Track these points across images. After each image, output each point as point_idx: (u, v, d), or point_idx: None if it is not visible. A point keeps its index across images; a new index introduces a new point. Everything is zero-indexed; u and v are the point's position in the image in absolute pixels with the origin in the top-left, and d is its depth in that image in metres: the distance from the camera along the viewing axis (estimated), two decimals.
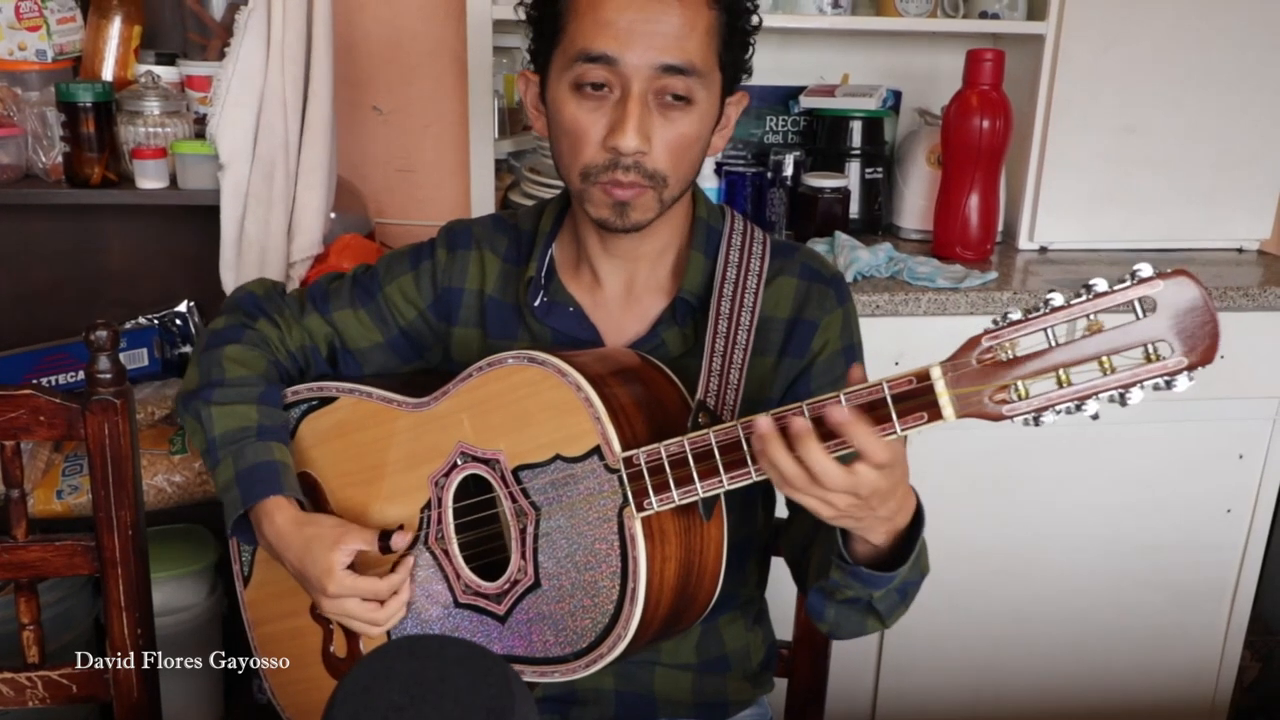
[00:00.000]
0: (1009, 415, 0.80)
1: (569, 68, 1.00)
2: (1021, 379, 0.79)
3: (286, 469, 1.11)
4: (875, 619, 1.03)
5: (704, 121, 1.03)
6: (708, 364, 1.03)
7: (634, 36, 0.97)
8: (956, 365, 0.80)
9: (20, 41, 1.71)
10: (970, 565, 1.95)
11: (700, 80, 1.00)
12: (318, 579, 1.04)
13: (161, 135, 1.70)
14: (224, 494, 1.11)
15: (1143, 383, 0.76)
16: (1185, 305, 0.75)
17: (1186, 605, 2.04)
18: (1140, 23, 1.95)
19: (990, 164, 1.94)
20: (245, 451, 1.10)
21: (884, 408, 0.83)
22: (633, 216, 1.03)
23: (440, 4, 2.02)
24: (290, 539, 1.07)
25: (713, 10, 1.01)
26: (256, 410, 1.12)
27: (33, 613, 1.25)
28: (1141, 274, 0.75)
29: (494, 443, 1.03)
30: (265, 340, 1.19)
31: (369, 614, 1.05)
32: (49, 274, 1.97)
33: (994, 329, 0.79)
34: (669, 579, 0.97)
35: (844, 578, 0.97)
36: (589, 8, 0.98)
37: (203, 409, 1.12)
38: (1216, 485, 1.97)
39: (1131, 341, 0.76)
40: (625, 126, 0.98)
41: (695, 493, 0.92)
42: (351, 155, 2.05)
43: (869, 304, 1.75)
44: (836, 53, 2.18)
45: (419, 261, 1.20)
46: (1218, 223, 2.10)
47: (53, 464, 1.71)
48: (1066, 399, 0.78)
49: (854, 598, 0.99)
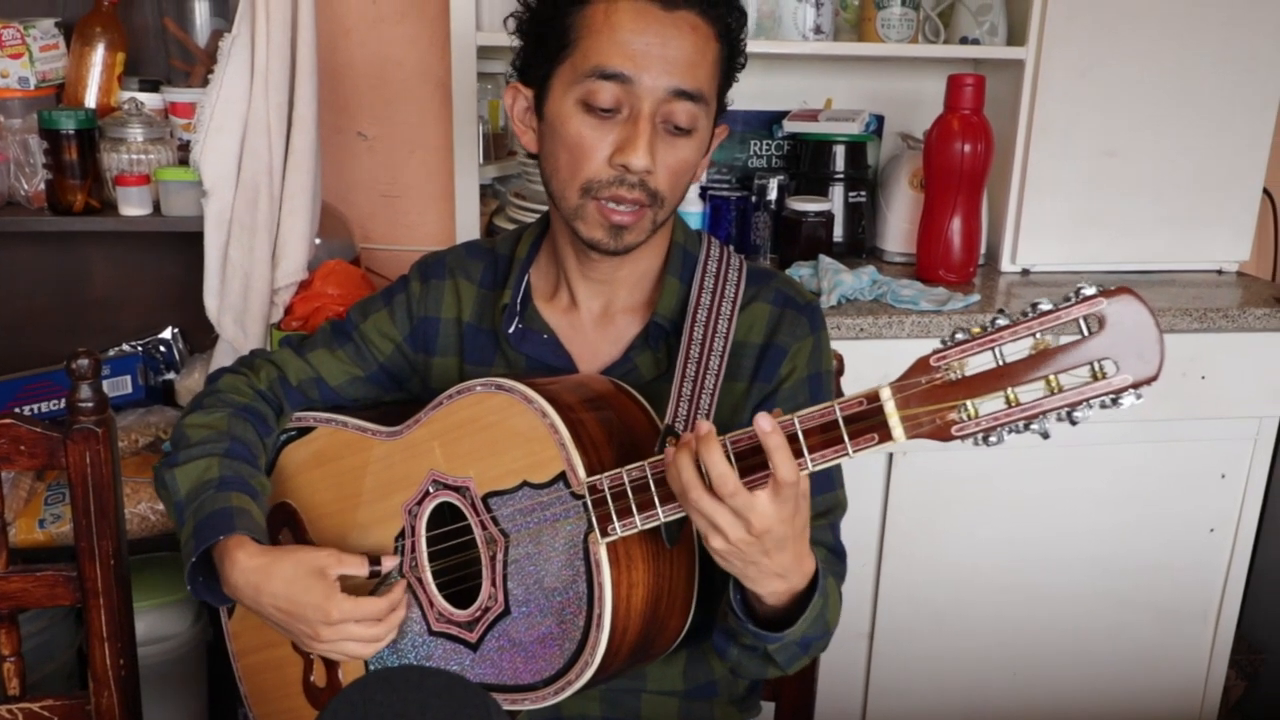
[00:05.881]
0: (958, 435, 0.80)
1: (579, 83, 1.01)
2: (970, 399, 0.79)
3: (245, 513, 1.04)
4: (774, 667, 1.03)
5: (700, 148, 1.06)
6: (677, 389, 1.03)
7: (650, 59, 0.98)
8: (905, 386, 0.80)
9: (2, 69, 1.71)
10: (955, 586, 1.95)
11: (703, 108, 1.03)
12: (317, 606, 0.98)
13: (145, 162, 1.70)
14: (184, 554, 1.05)
15: (1089, 401, 0.76)
16: (1130, 323, 0.75)
17: (1171, 625, 2.05)
18: (1119, 47, 1.97)
19: (972, 187, 1.95)
20: (204, 506, 1.05)
21: (835, 429, 0.83)
22: (627, 239, 1.04)
23: (425, 30, 2.03)
24: (267, 571, 1.00)
25: (718, 43, 1.03)
26: (219, 464, 1.09)
27: (13, 644, 1.24)
28: (1085, 292, 0.75)
29: (464, 470, 1.03)
30: (231, 390, 1.18)
31: (369, 632, 1.01)
32: (32, 301, 1.96)
33: (942, 349, 0.79)
34: (636, 605, 0.96)
35: (738, 625, 0.98)
36: (606, 26, 0.99)
37: (168, 474, 1.10)
38: (1199, 505, 1.98)
39: (1077, 360, 0.76)
40: (637, 145, 0.99)
41: (657, 517, 0.92)
42: (336, 181, 2.06)
43: (853, 327, 1.76)
44: (819, 77, 2.20)
45: (392, 297, 1.20)
46: (1198, 244, 2.11)
47: (35, 492, 1.70)
48: (1015, 418, 0.78)
49: (751, 645, 1.00)
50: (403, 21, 2.03)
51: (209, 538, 1.02)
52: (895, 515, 1.89)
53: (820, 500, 1.09)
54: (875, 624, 1.95)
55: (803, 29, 1.99)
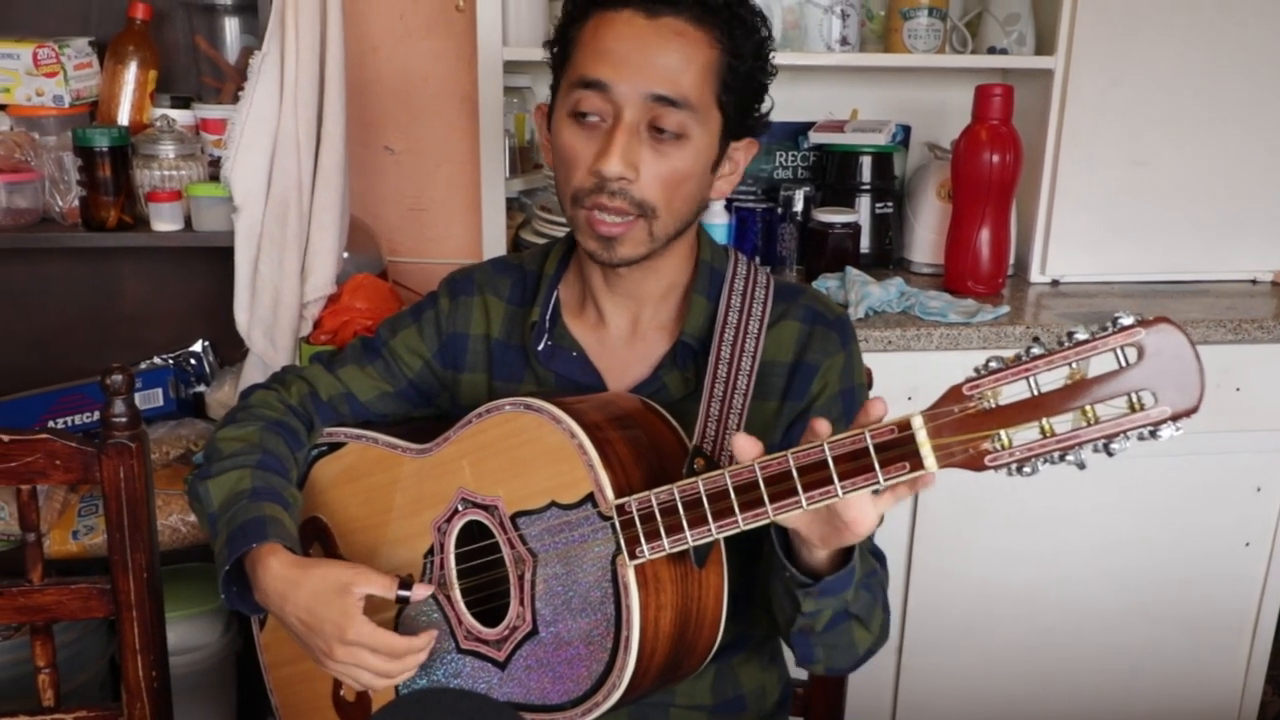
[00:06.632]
0: (991, 465, 0.79)
1: (568, 94, 1.03)
2: (1004, 429, 0.78)
3: (277, 522, 1.04)
4: (860, 627, 1.02)
5: (699, 159, 1.04)
6: (705, 409, 1.03)
7: (629, 66, 0.99)
8: (937, 415, 0.79)
9: (38, 87, 1.73)
10: (985, 600, 1.94)
11: (693, 115, 1.01)
12: (335, 623, 0.97)
13: (176, 178, 1.72)
14: (218, 564, 1.05)
15: (1126, 432, 0.75)
16: (1168, 354, 0.74)
17: (1206, 640, 2.02)
18: (1148, 56, 1.95)
19: (1001, 198, 1.94)
20: (237, 517, 1.05)
21: (866, 457, 0.82)
22: (620, 251, 1.04)
23: (451, 45, 2.05)
24: (295, 580, 0.99)
25: (714, 49, 1.02)
26: (251, 475, 1.09)
27: (48, 656, 1.26)
28: (1123, 322, 0.74)
29: (493, 489, 1.03)
30: (263, 405, 1.19)
31: (383, 665, 0.98)
32: (64, 315, 1.99)
33: (975, 378, 0.78)
34: (664, 627, 0.96)
35: (815, 601, 0.96)
36: (591, 37, 1.01)
37: (201, 486, 1.11)
38: (1234, 518, 1.95)
39: (1114, 391, 0.75)
40: (610, 151, 0.99)
41: (685, 541, 0.91)
42: (363, 194, 2.07)
43: (881, 339, 1.75)
44: (845, 88, 2.19)
45: (421, 313, 1.21)
46: (1230, 254, 2.09)
47: (68, 504, 1.72)
48: (1050, 449, 0.77)
49: (833, 616, 0.99)
50: (429, 37, 2.04)
51: (242, 546, 1.02)
52: (924, 528, 1.88)
53: None
54: (904, 638, 1.93)
55: (828, 40, 1.99)
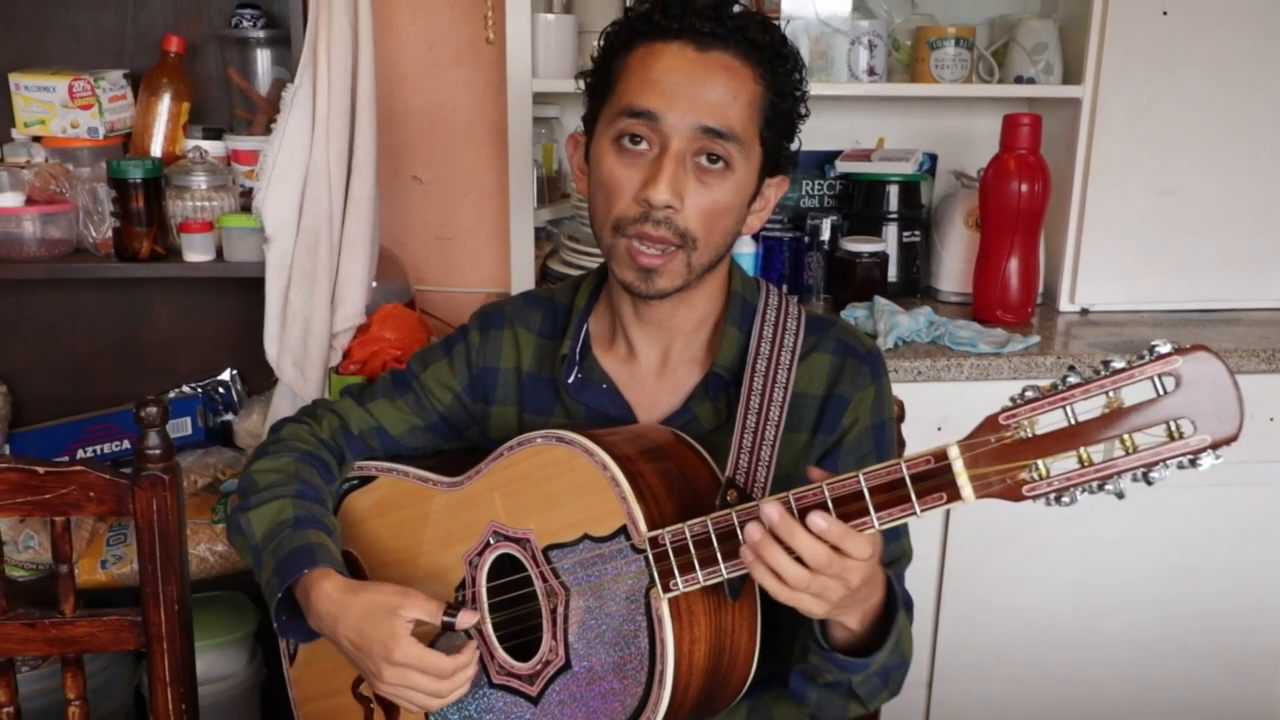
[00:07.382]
0: (1029, 495, 0.78)
1: (613, 123, 1.03)
2: (1041, 458, 0.77)
3: (324, 548, 1.06)
4: (857, 703, 1.02)
5: (739, 192, 1.05)
6: (738, 441, 1.03)
7: (678, 97, 1.00)
8: (974, 445, 0.79)
9: (73, 119, 1.75)
10: (1019, 631, 1.91)
11: (739, 147, 1.02)
12: (382, 644, 0.97)
13: (208, 209, 1.73)
14: (267, 594, 1.07)
15: (1165, 461, 0.74)
16: (1207, 381, 0.73)
17: (1241, 673, 1.99)
18: (1176, 84, 1.95)
19: (1029, 227, 1.93)
20: (282, 546, 1.07)
21: (902, 487, 0.82)
22: (658, 283, 1.04)
23: (479, 76, 2.06)
24: (346, 603, 1.01)
25: (759, 85, 1.03)
26: (292, 505, 1.10)
27: (79, 688, 1.26)
28: (1160, 350, 0.73)
29: (525, 522, 1.03)
30: (295, 438, 1.19)
31: (432, 685, 0.98)
32: (95, 344, 2.00)
33: (1011, 408, 0.78)
34: (699, 661, 0.95)
35: (823, 661, 0.97)
36: (639, 67, 1.02)
37: (242, 518, 1.11)
38: (1270, 550, 1.93)
39: (1152, 419, 0.74)
40: (659, 179, 1.00)
41: (720, 573, 0.91)
42: (391, 224, 2.08)
43: (910, 370, 1.74)
44: (871, 117, 2.19)
45: (451, 347, 1.21)
46: (1261, 283, 2.07)
47: (97, 533, 1.73)
48: (1089, 478, 0.76)
49: (834, 682, 1.00)
50: (457, 67, 2.06)
51: (293, 574, 1.04)
52: (954, 558, 1.86)
53: (887, 550, 1.08)
54: (934, 669, 1.91)
55: (856, 70, 1.99)
